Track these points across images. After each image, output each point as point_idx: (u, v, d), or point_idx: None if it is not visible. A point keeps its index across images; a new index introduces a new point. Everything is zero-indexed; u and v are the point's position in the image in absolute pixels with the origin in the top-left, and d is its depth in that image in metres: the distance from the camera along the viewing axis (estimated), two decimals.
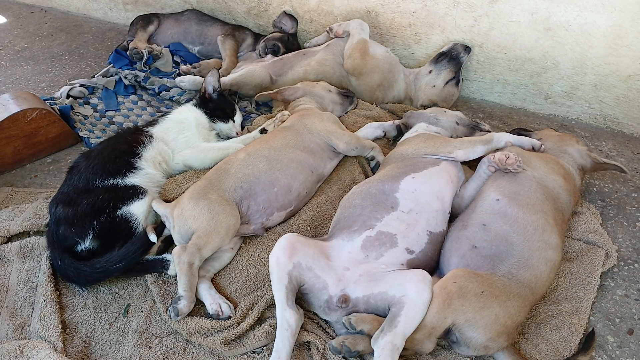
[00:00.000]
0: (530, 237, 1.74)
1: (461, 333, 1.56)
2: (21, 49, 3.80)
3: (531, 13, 2.71)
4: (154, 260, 1.89)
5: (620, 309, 1.86)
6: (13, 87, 3.29)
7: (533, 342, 1.71)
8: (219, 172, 2.07)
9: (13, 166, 2.53)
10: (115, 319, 1.79)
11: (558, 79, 2.87)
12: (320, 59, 2.92)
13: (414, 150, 2.11)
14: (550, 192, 1.91)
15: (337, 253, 1.74)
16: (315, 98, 2.63)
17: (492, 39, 2.90)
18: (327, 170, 2.31)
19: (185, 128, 2.36)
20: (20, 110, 2.44)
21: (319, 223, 2.11)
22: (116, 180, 2.01)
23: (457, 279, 1.60)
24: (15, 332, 1.72)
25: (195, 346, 1.69)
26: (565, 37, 2.71)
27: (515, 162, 1.91)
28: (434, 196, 1.91)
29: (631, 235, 2.16)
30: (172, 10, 3.86)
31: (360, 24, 2.94)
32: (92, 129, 2.76)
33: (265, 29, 3.57)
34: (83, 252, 1.86)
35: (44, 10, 4.46)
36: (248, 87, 2.89)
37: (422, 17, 3.01)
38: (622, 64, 2.65)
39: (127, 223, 1.92)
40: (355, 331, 1.58)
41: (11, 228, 2.05)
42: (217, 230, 1.84)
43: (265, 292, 1.80)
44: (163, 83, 3.04)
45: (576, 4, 2.58)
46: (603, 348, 1.73)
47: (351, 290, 1.64)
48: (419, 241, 1.80)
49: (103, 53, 3.71)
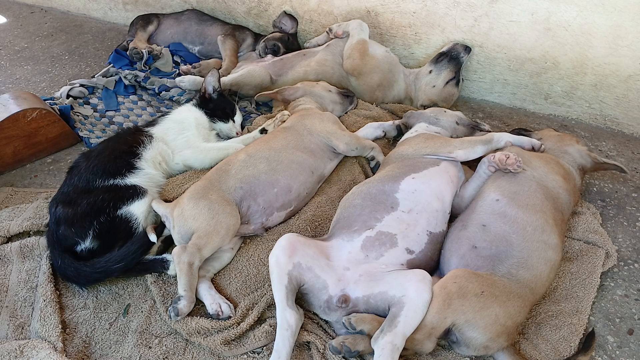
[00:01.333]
0: (530, 237, 1.74)
1: (461, 333, 1.56)
2: (21, 49, 3.80)
3: (531, 13, 2.71)
4: (154, 260, 1.89)
5: (620, 309, 1.86)
6: (13, 87, 3.29)
7: (533, 342, 1.71)
8: (219, 172, 2.07)
9: (13, 166, 2.53)
10: (115, 319, 1.79)
11: (558, 79, 2.87)
12: (320, 59, 2.92)
13: (414, 151, 2.11)
14: (550, 192, 1.91)
15: (337, 253, 1.74)
16: (315, 98, 2.63)
17: (492, 39, 2.90)
18: (327, 170, 2.31)
19: (185, 128, 2.36)
20: (20, 110, 2.44)
21: (319, 223, 2.11)
22: (116, 180, 2.01)
23: (457, 279, 1.60)
24: (15, 332, 1.72)
25: (195, 346, 1.69)
26: (565, 37, 2.71)
27: (515, 162, 1.91)
28: (434, 196, 1.91)
29: (631, 235, 2.16)
30: (172, 10, 3.86)
31: (360, 24, 2.94)
32: (92, 129, 2.76)
33: (265, 29, 3.57)
34: (83, 252, 1.86)
35: (44, 10, 4.46)
36: (248, 87, 2.89)
37: (422, 17, 3.02)
38: (622, 64, 2.65)
39: (127, 223, 1.92)
40: (355, 331, 1.58)
41: (11, 228, 2.05)
42: (217, 230, 1.84)
43: (265, 292, 1.80)
44: (163, 83, 3.04)
45: (576, 4, 2.58)
46: (603, 348, 1.73)
47: (351, 290, 1.65)
48: (419, 241, 1.80)
49: (103, 53, 3.71)
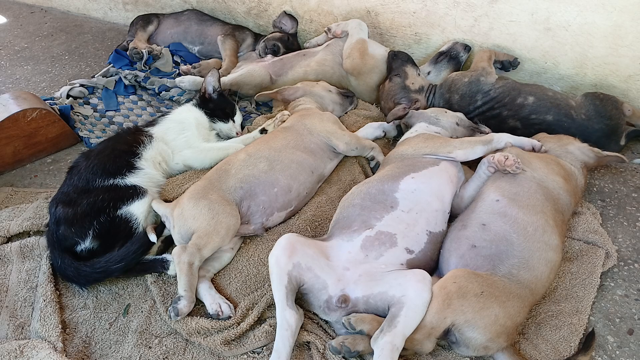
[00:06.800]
0: (531, 237, 1.74)
1: (461, 333, 1.56)
2: (21, 49, 3.80)
3: (531, 13, 2.71)
4: (154, 260, 1.89)
5: (620, 309, 1.86)
6: (13, 87, 3.29)
7: (533, 342, 1.71)
8: (219, 172, 2.07)
9: (13, 166, 2.53)
10: (115, 319, 1.79)
11: (558, 79, 2.87)
12: (320, 59, 2.92)
13: (413, 150, 2.11)
14: (551, 192, 1.91)
15: (336, 253, 1.74)
16: (315, 98, 2.63)
17: (492, 39, 2.90)
18: (327, 170, 2.32)
19: (185, 128, 2.36)
20: (20, 110, 2.44)
21: (319, 223, 2.11)
22: (116, 180, 2.01)
23: (456, 279, 1.60)
24: (15, 332, 1.72)
25: (195, 346, 1.70)
26: (565, 37, 2.71)
27: (514, 164, 1.91)
28: (433, 196, 1.91)
29: (631, 235, 2.16)
30: (172, 10, 3.86)
31: (359, 23, 2.94)
32: (92, 129, 2.76)
33: (265, 29, 3.57)
34: (83, 252, 1.86)
35: (44, 10, 4.46)
36: (248, 87, 2.89)
37: (422, 17, 3.01)
38: (622, 64, 2.65)
39: (127, 223, 1.92)
40: (355, 331, 1.58)
41: (11, 228, 2.05)
42: (217, 230, 1.84)
43: (265, 292, 1.80)
44: (163, 83, 3.04)
45: (576, 4, 2.58)
46: (603, 348, 1.74)
47: (351, 290, 1.65)
48: (419, 241, 1.80)
49: (103, 53, 3.71)
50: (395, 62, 2.77)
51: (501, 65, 2.79)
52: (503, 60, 2.83)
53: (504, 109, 2.53)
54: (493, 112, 2.56)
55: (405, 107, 2.49)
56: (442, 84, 2.72)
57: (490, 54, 2.76)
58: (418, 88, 2.70)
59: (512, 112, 2.52)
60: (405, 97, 2.66)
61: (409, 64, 2.76)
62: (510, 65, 2.84)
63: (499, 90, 2.57)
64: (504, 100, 2.54)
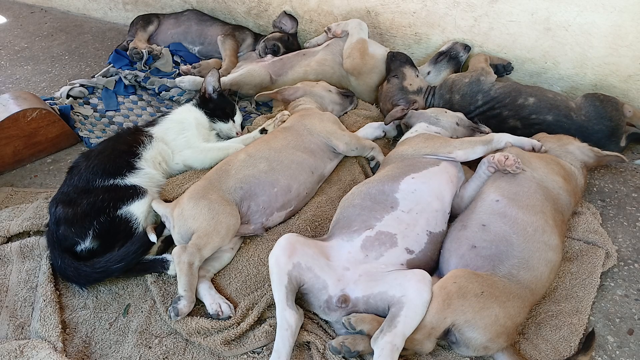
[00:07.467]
0: (530, 238, 1.74)
1: (461, 333, 1.56)
2: (21, 49, 3.80)
3: (531, 13, 2.71)
4: (154, 260, 1.89)
5: (620, 309, 1.86)
6: (13, 87, 3.29)
7: (533, 342, 1.71)
8: (219, 172, 2.07)
9: (13, 166, 2.53)
10: (115, 319, 1.79)
11: (558, 79, 2.87)
12: (320, 59, 2.92)
13: (413, 151, 2.11)
14: (550, 193, 1.91)
15: (336, 253, 1.74)
16: (315, 98, 2.63)
17: (492, 39, 2.90)
18: (327, 170, 2.32)
19: (185, 128, 2.36)
20: (20, 110, 2.44)
21: (319, 223, 2.11)
22: (116, 180, 2.01)
23: (457, 279, 1.60)
24: (15, 332, 1.72)
25: (195, 346, 1.70)
26: (565, 37, 2.71)
27: (514, 164, 1.91)
28: (433, 196, 1.91)
29: (631, 235, 2.16)
30: (172, 10, 3.87)
31: (359, 23, 2.94)
32: (92, 129, 2.76)
33: (265, 29, 3.57)
34: (83, 252, 1.86)
35: (44, 10, 4.46)
36: (248, 87, 2.89)
37: (422, 17, 3.02)
38: (622, 64, 2.65)
39: (127, 223, 1.92)
40: (355, 331, 1.59)
41: (11, 228, 2.05)
42: (217, 230, 1.84)
43: (265, 292, 1.80)
44: (163, 83, 3.04)
45: (576, 4, 2.58)
46: (603, 348, 1.74)
47: (351, 290, 1.65)
48: (419, 241, 1.80)
49: (103, 53, 3.71)
50: (394, 63, 2.77)
51: (495, 70, 2.77)
52: (497, 64, 2.82)
53: (504, 109, 2.54)
54: (493, 111, 2.56)
55: (403, 109, 2.49)
56: (442, 85, 2.72)
57: (486, 57, 2.76)
58: (416, 89, 2.70)
59: (512, 112, 2.52)
60: (403, 99, 2.66)
61: (407, 65, 2.76)
62: (504, 69, 2.84)
63: (499, 91, 2.57)
64: (505, 101, 2.54)
